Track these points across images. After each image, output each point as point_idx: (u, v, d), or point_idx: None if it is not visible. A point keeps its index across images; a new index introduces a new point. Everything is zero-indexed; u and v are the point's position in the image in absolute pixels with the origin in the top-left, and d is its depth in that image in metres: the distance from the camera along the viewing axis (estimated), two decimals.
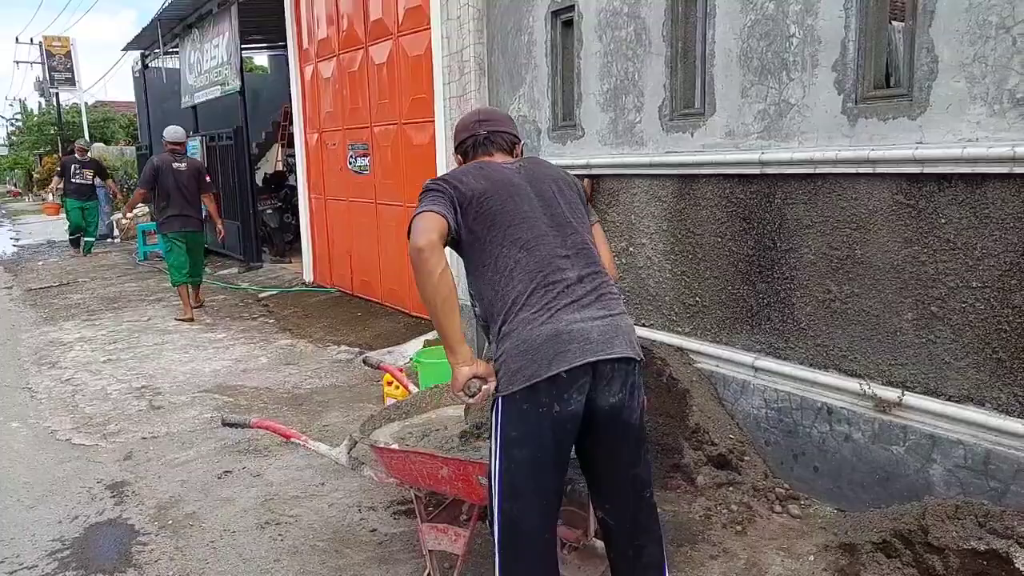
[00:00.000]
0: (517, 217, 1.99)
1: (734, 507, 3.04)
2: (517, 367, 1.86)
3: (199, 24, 10.33)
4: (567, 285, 1.94)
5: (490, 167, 2.12)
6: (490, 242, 1.97)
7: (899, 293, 2.81)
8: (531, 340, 1.86)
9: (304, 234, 8.59)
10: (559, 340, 1.86)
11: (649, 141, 3.75)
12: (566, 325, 1.88)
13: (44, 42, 22.62)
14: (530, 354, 1.86)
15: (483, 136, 2.22)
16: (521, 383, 1.86)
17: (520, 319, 1.89)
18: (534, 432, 1.89)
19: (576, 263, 2.00)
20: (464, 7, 4.73)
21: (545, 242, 1.98)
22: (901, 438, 2.82)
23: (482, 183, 2.02)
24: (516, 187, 2.05)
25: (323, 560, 2.85)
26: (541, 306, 1.90)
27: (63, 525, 3.24)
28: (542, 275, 1.93)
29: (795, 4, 3.03)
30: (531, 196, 2.05)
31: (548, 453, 1.91)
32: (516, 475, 1.91)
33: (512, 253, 1.95)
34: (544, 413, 1.87)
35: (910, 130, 2.72)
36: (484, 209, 1.98)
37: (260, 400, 4.70)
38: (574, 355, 1.86)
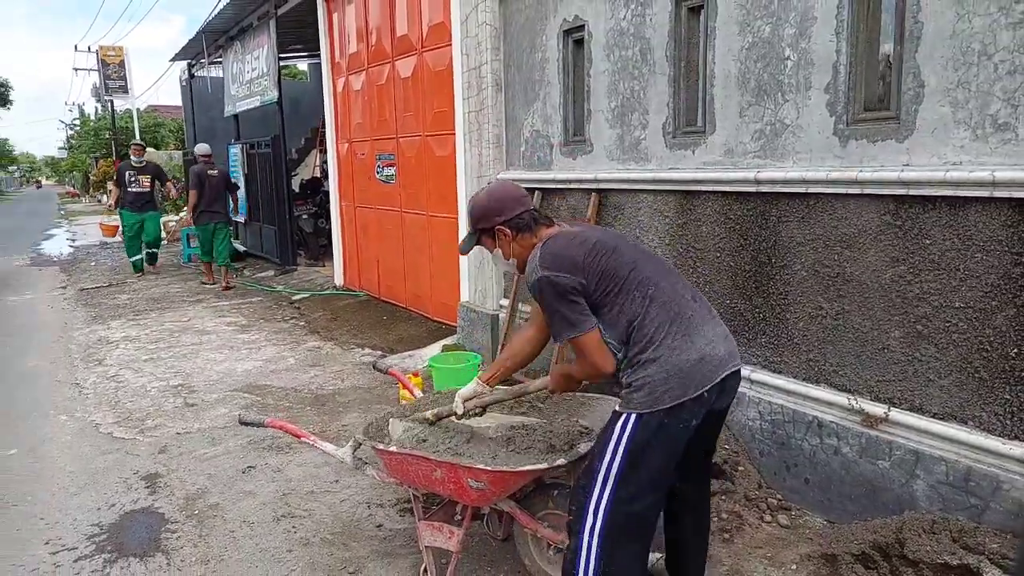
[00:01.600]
0: (628, 264, 2.22)
1: (724, 515, 3.14)
2: (667, 387, 2.09)
3: (240, 36, 10.73)
4: (690, 309, 2.20)
5: (577, 233, 2.33)
6: (618, 291, 2.19)
7: (886, 311, 2.89)
8: (679, 366, 2.10)
9: (335, 239, 8.88)
10: (703, 363, 2.11)
11: (653, 157, 3.88)
12: (708, 349, 2.14)
13: (100, 51, 23.59)
14: (681, 376, 2.10)
15: (534, 210, 2.44)
16: (670, 401, 2.09)
17: (666, 347, 2.12)
18: (671, 442, 2.14)
19: (685, 287, 2.27)
20: (482, 25, 4.90)
21: (660, 278, 2.23)
22: (887, 453, 2.90)
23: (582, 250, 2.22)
24: (606, 242, 2.26)
25: (331, 552, 3.05)
26: (681, 334, 2.14)
27: (101, 511, 3.50)
28: (676, 304, 2.18)
29: (790, 28, 3.13)
30: (619, 244, 2.29)
31: (675, 458, 2.19)
32: (644, 476, 2.15)
33: (643, 291, 2.18)
34: (684, 428, 2.13)
35: (898, 152, 2.80)
36: (604, 272, 2.19)
37: (285, 400, 4.94)
38: (713, 375, 2.13)
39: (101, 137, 33.68)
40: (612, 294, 2.18)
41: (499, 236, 2.42)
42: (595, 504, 2.17)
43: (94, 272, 11.36)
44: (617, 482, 2.15)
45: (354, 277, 8.52)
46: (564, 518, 2.67)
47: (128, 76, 23.13)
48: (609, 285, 2.18)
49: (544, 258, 2.22)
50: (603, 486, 2.16)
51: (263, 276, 10.15)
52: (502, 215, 2.39)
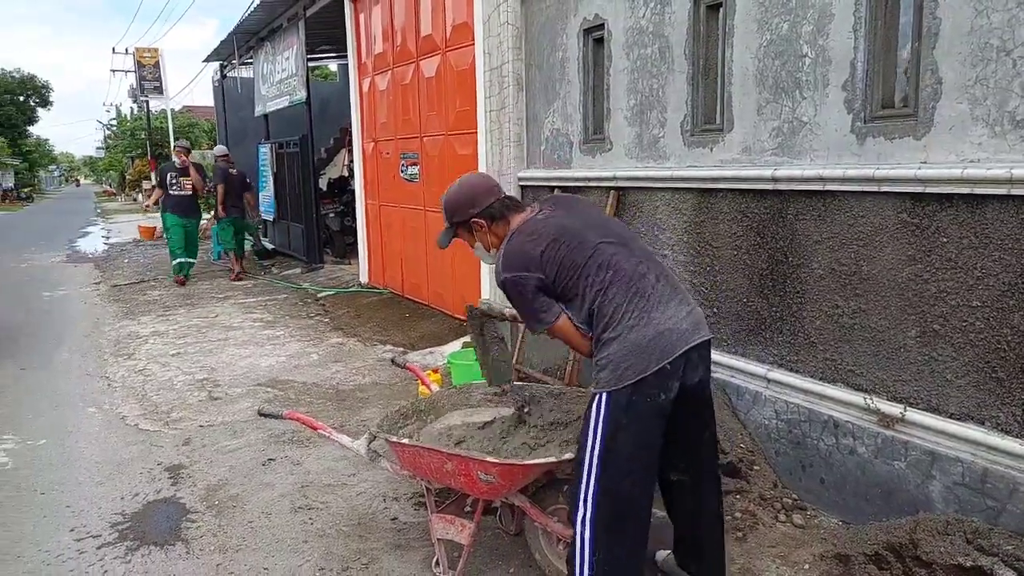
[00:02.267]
0: (588, 249, 2.27)
1: (738, 514, 3.13)
2: (627, 364, 2.15)
3: (271, 37, 10.90)
4: (651, 287, 2.24)
5: (538, 223, 2.36)
6: (576, 277, 2.26)
7: (903, 310, 2.86)
8: (638, 341, 2.15)
9: (360, 238, 8.99)
10: (661, 336, 2.16)
11: (672, 155, 3.87)
12: (663, 324, 2.18)
13: (136, 53, 24.11)
14: (639, 351, 2.15)
15: (505, 198, 2.48)
16: (632, 377, 2.14)
17: (624, 326, 2.18)
18: (642, 419, 2.18)
19: (650, 267, 2.30)
20: (504, 25, 4.93)
21: (621, 259, 2.27)
22: (903, 453, 2.86)
23: (540, 244, 2.28)
24: (569, 228, 2.32)
25: (346, 544, 3.10)
26: (639, 312, 2.19)
27: (125, 501, 3.60)
28: (634, 284, 2.23)
29: (807, 25, 3.11)
30: (586, 227, 2.33)
31: (651, 435, 2.22)
32: (621, 455, 2.19)
33: (601, 276, 2.24)
34: (651, 403, 2.17)
35: (915, 149, 2.77)
36: (563, 263, 2.26)
37: (307, 395, 5.02)
38: (674, 347, 2.16)
39: (137, 137, 34.42)
40: (572, 280, 2.26)
41: (475, 228, 2.48)
42: (584, 492, 2.21)
43: (127, 269, 11.63)
44: (599, 466, 2.19)
45: (378, 274, 8.62)
46: None
47: (163, 77, 23.63)
48: (569, 274, 2.26)
49: (506, 258, 2.32)
50: (588, 472, 2.20)
51: (290, 274, 10.31)
52: (475, 206, 2.45)
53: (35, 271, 11.91)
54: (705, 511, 2.50)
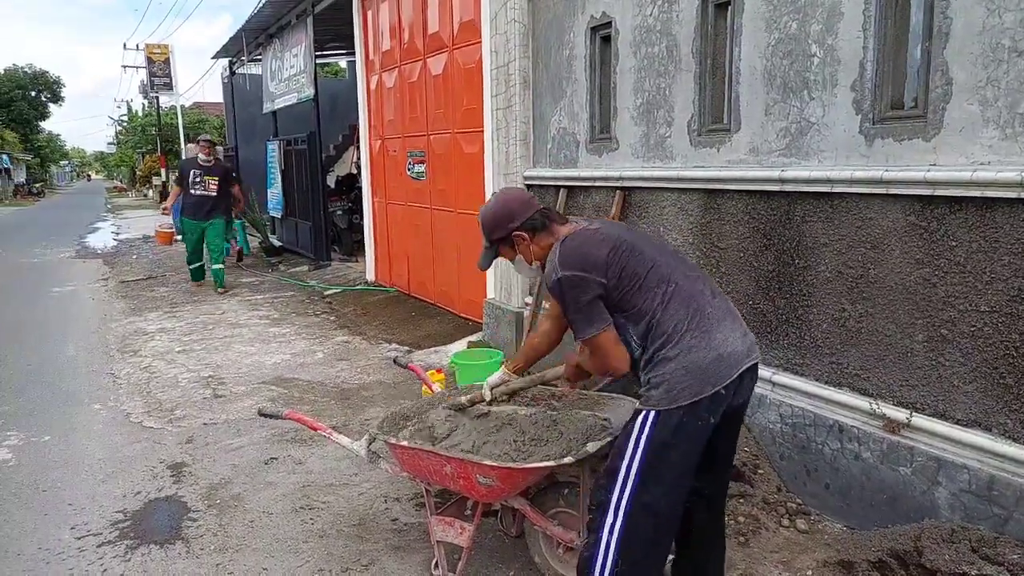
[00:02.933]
0: (648, 261, 2.21)
1: (741, 519, 3.10)
2: (684, 385, 2.09)
3: (279, 34, 10.91)
4: (710, 305, 2.18)
5: (593, 231, 2.30)
6: (638, 288, 2.18)
7: (910, 314, 2.82)
8: (697, 363, 2.09)
9: (367, 236, 8.98)
10: (721, 360, 2.11)
11: (678, 155, 3.84)
12: (723, 347, 2.13)
13: (146, 49, 24.20)
14: (698, 373, 2.09)
15: (545, 209, 2.42)
16: (689, 398, 2.09)
17: (684, 344, 2.12)
18: (690, 439, 2.13)
19: (705, 284, 2.26)
20: (511, 22, 4.90)
21: (680, 274, 2.22)
22: (908, 459, 2.83)
23: (603, 248, 2.21)
24: (624, 239, 2.26)
25: (346, 544, 3.09)
26: (699, 331, 2.13)
27: (127, 499, 3.60)
28: (695, 301, 2.17)
29: (816, 24, 3.07)
30: (638, 240, 2.28)
31: (696, 456, 2.18)
32: (664, 474, 2.15)
33: (662, 289, 2.17)
34: (702, 425, 2.12)
35: (924, 151, 2.73)
36: (624, 270, 2.18)
37: (311, 393, 5.01)
38: (730, 372, 2.11)
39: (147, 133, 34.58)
40: (632, 292, 2.17)
41: (517, 242, 2.40)
42: (616, 502, 2.16)
43: (135, 265, 11.67)
44: (638, 480, 2.13)
45: (385, 273, 8.61)
46: (575, 516, 2.67)
47: (173, 73, 23.71)
48: (630, 283, 2.17)
49: (564, 256, 2.20)
50: (623, 484, 2.15)
51: (297, 271, 10.31)
52: (515, 220, 2.37)
53: (45, 266, 11.97)
54: (712, 528, 2.48)
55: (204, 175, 8.63)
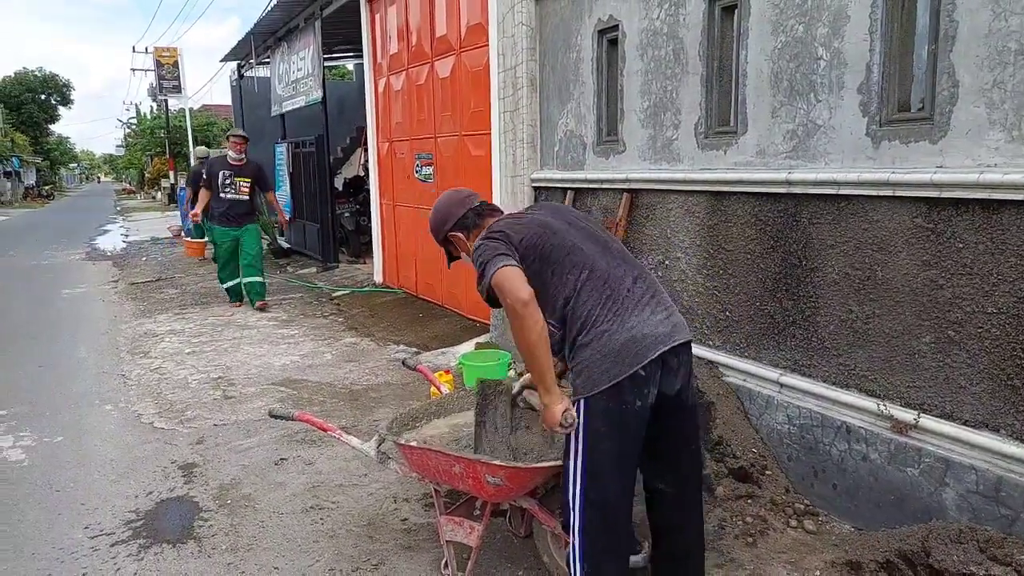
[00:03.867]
0: (567, 247, 2.25)
1: (749, 519, 3.12)
2: (601, 369, 2.10)
3: (287, 37, 10.97)
4: (627, 290, 2.19)
5: (519, 217, 2.39)
6: (551, 273, 2.23)
7: (918, 316, 2.83)
8: (611, 346, 2.11)
9: (375, 237, 9.02)
10: (634, 342, 2.11)
11: (685, 158, 3.85)
12: (638, 329, 2.13)
13: (155, 52, 24.35)
14: (612, 357, 2.10)
15: (478, 206, 2.50)
16: (606, 382, 2.10)
17: (597, 330, 2.13)
18: (619, 425, 2.14)
19: (628, 270, 2.26)
20: (518, 25, 4.93)
21: (597, 259, 2.24)
22: (916, 460, 2.83)
23: (526, 231, 2.28)
24: (549, 224, 2.31)
25: (355, 543, 3.12)
26: (612, 315, 2.14)
27: (139, 499, 3.63)
28: (608, 287, 2.18)
29: (823, 27, 3.09)
30: (565, 226, 2.32)
31: (631, 442, 2.18)
32: (603, 464, 2.16)
33: (576, 275, 2.20)
34: (627, 409, 2.12)
35: (931, 154, 2.74)
36: (539, 253, 2.23)
37: (320, 394, 5.05)
38: (648, 351, 2.11)
39: (156, 136, 34.77)
40: (547, 275, 2.22)
41: (455, 241, 2.51)
42: (572, 500, 2.19)
43: (144, 267, 11.75)
44: (584, 475, 2.16)
45: (393, 274, 8.65)
46: None
47: (182, 76, 23.84)
48: (542, 266, 2.22)
49: (483, 237, 2.30)
50: (574, 481, 2.19)
51: (305, 273, 10.36)
52: (447, 222, 2.49)
53: (55, 269, 12.06)
54: (688, 526, 2.43)
55: (235, 176, 7.55)
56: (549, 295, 2.21)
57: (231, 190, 7.54)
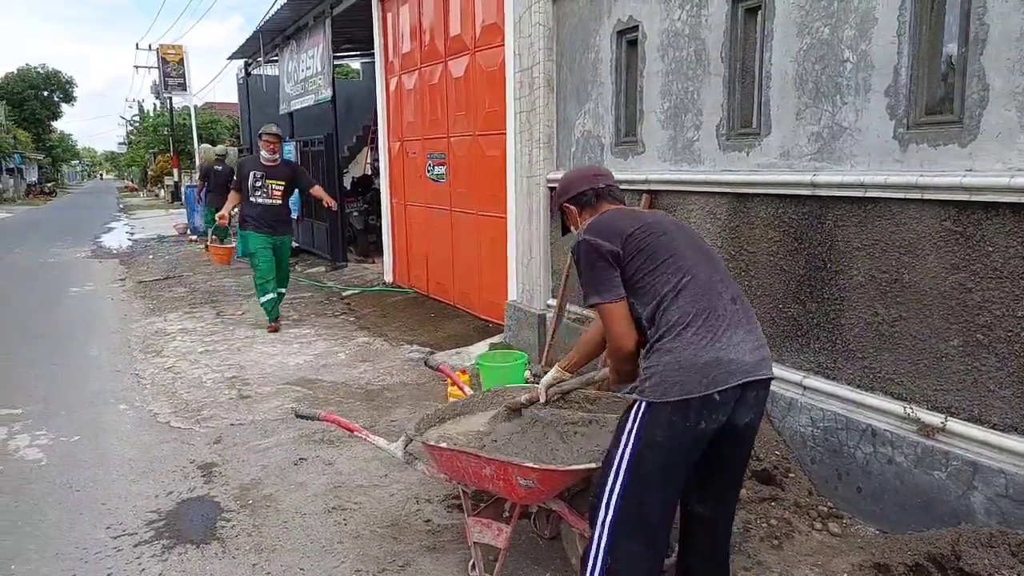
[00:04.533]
0: (672, 248, 2.21)
1: (774, 521, 3.11)
2: (674, 380, 2.04)
3: (296, 35, 10.97)
4: (724, 307, 2.14)
5: (633, 212, 2.38)
6: (652, 271, 2.17)
7: (945, 319, 2.83)
8: (693, 360, 2.04)
9: (385, 237, 9.02)
10: (719, 364, 2.04)
11: (706, 159, 3.85)
12: (726, 351, 2.06)
13: (160, 50, 24.34)
14: (690, 371, 2.03)
15: (603, 188, 2.47)
16: (677, 395, 2.04)
17: (684, 339, 2.07)
18: (677, 440, 2.08)
19: (728, 286, 2.21)
20: (535, 26, 4.92)
21: (702, 270, 2.19)
22: (943, 464, 2.83)
23: (633, 224, 2.24)
24: (663, 224, 2.28)
25: (380, 544, 3.12)
26: (705, 329, 2.07)
27: (159, 499, 3.63)
28: (706, 299, 2.12)
29: (849, 29, 3.08)
30: (676, 230, 2.30)
31: (683, 460, 2.13)
32: (649, 472, 2.12)
33: (676, 278, 2.15)
34: (690, 428, 2.06)
35: (960, 157, 2.74)
36: (643, 247, 2.19)
37: (336, 394, 5.05)
38: (731, 377, 2.04)
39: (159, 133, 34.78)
40: (646, 272, 2.17)
41: (567, 213, 2.53)
42: (607, 496, 2.15)
43: (152, 265, 11.75)
44: (628, 473, 2.12)
45: (403, 274, 8.65)
46: None
47: (187, 74, 23.84)
48: (647, 264, 2.17)
49: (591, 225, 2.29)
50: (615, 476, 2.14)
51: (314, 272, 10.36)
52: (567, 193, 2.50)
53: (61, 266, 12.06)
54: (718, 549, 2.41)
55: (266, 178, 6.68)
56: (644, 291, 2.17)
57: (262, 193, 6.69)
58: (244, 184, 6.71)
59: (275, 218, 6.80)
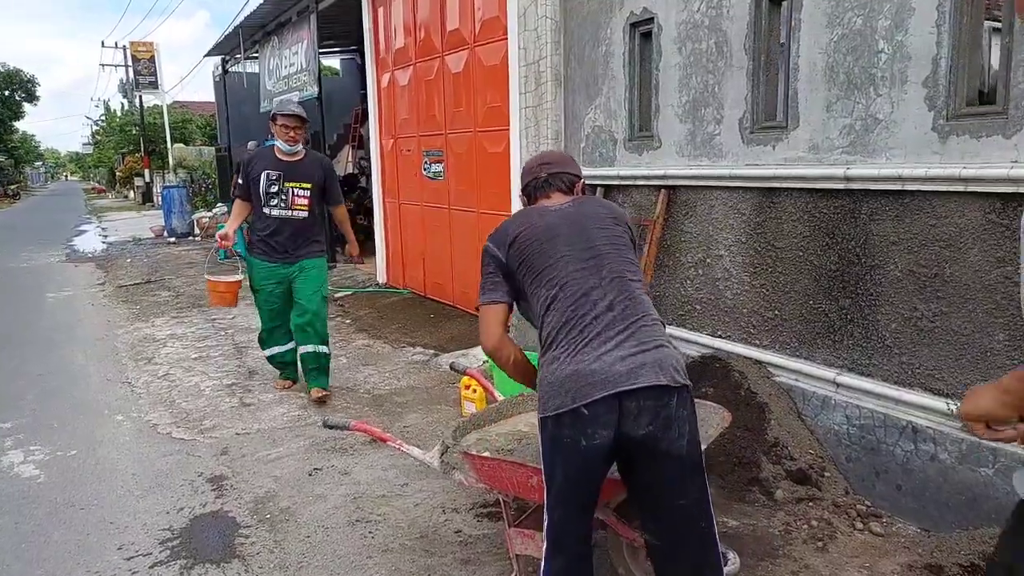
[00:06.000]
0: (552, 258, 2.17)
1: (814, 523, 3.05)
2: (547, 397, 2.04)
3: (278, 31, 10.73)
4: (595, 317, 2.06)
5: (535, 212, 2.33)
6: (532, 284, 2.18)
7: (990, 313, 2.78)
8: (557, 375, 2.03)
9: (378, 237, 8.84)
10: (579, 377, 1.98)
11: (728, 153, 3.77)
12: (587, 364, 1.99)
13: (130, 47, 23.77)
14: (555, 387, 2.02)
15: (543, 179, 2.40)
16: (549, 411, 2.04)
17: (550, 355, 2.07)
18: (564, 456, 2.05)
19: (608, 293, 2.11)
20: (542, 19, 4.82)
21: (578, 277, 2.13)
22: (990, 460, 2.79)
23: (522, 234, 2.23)
24: (553, 229, 2.23)
25: (412, 559, 2.99)
26: (568, 343, 2.05)
27: (171, 515, 3.47)
28: (572, 310, 2.08)
29: (884, 20, 3.02)
30: (569, 234, 2.21)
31: (576, 481, 2.07)
32: (553, 487, 2.10)
33: (548, 292, 2.14)
34: (569, 444, 2.01)
35: (1005, 148, 2.69)
36: (525, 259, 2.20)
37: (343, 400, 4.90)
38: (594, 389, 1.96)
39: (127, 133, 34.01)
40: (528, 284, 2.20)
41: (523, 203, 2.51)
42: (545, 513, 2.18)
43: (130, 269, 11.44)
44: (547, 488, 2.14)
45: (398, 274, 8.49)
46: None
47: (158, 72, 23.28)
48: (526, 274, 2.20)
49: (495, 229, 2.33)
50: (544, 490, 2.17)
51: None
52: (521, 183, 2.50)
53: (36, 271, 11.70)
54: None
55: (286, 179, 4.59)
56: (532, 305, 2.20)
57: (280, 203, 4.57)
58: (254, 189, 4.60)
59: (294, 238, 4.62)
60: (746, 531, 3.03)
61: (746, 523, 3.08)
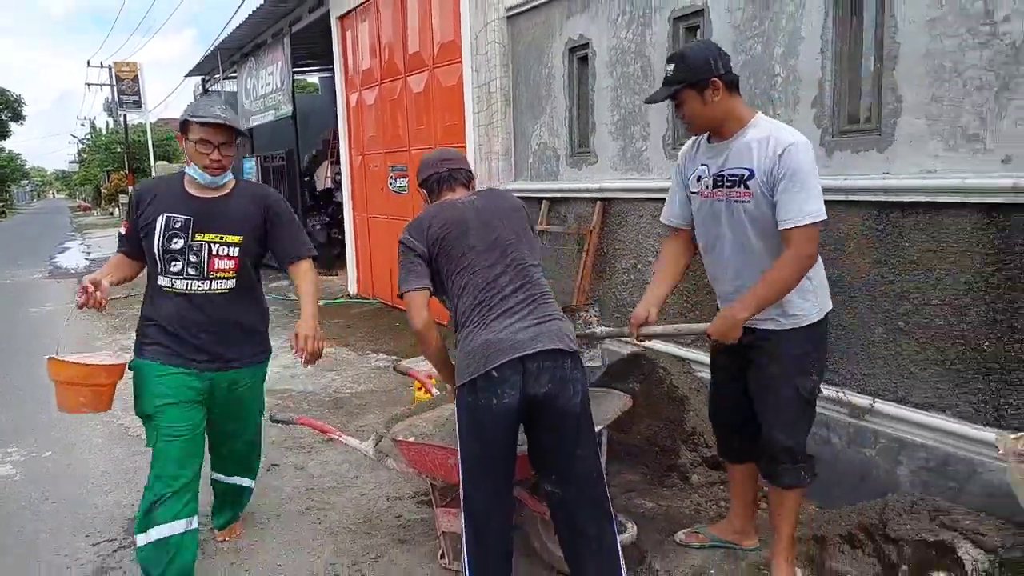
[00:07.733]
0: (465, 247, 2.44)
1: (723, 503, 3.34)
2: (463, 366, 2.31)
3: (255, 52, 11.05)
4: (502, 298, 2.37)
5: (448, 207, 2.54)
6: (448, 272, 2.45)
7: (870, 309, 3.10)
8: (471, 346, 2.31)
9: (349, 249, 9.13)
10: (488, 345, 2.28)
11: (654, 167, 4.10)
12: (496, 333, 2.29)
13: (114, 67, 24.06)
14: (470, 356, 2.30)
15: (446, 173, 2.62)
16: (465, 378, 2.31)
17: (465, 332, 2.35)
18: (476, 420, 2.32)
19: (513, 278, 2.42)
20: (491, 44, 5.15)
21: (486, 265, 2.42)
22: (873, 441, 3.10)
23: (440, 227, 2.47)
24: (466, 222, 2.48)
25: (354, 540, 3.27)
26: (479, 319, 2.34)
27: (135, 508, 3.69)
28: (483, 293, 2.37)
29: (779, 47, 3.36)
30: (478, 226, 2.48)
31: (493, 444, 2.33)
32: (471, 463, 2.35)
33: (462, 278, 2.42)
34: (483, 405, 2.28)
35: (879, 162, 3.02)
36: (442, 249, 2.45)
37: (305, 403, 5.17)
38: (502, 354, 2.26)
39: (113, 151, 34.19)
40: (446, 273, 2.44)
41: (422, 198, 2.70)
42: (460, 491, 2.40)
43: None
44: (464, 473, 2.37)
45: (367, 285, 8.77)
46: None
47: (142, 91, 23.58)
48: (444, 262, 2.43)
49: (411, 223, 2.52)
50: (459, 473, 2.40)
51: (277, 286, 10.38)
52: (418, 178, 2.68)
53: (18, 287, 11.89)
54: (583, 536, 2.37)
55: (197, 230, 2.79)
56: (450, 291, 2.45)
57: (188, 267, 2.81)
58: (147, 242, 2.84)
59: (219, 330, 2.88)
60: (660, 511, 3.31)
61: (661, 504, 3.36)
